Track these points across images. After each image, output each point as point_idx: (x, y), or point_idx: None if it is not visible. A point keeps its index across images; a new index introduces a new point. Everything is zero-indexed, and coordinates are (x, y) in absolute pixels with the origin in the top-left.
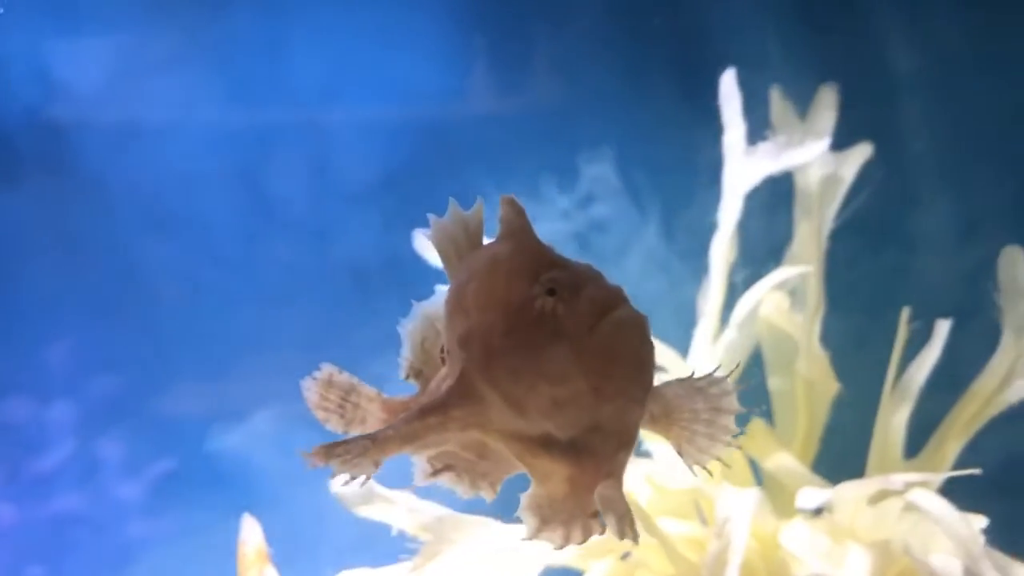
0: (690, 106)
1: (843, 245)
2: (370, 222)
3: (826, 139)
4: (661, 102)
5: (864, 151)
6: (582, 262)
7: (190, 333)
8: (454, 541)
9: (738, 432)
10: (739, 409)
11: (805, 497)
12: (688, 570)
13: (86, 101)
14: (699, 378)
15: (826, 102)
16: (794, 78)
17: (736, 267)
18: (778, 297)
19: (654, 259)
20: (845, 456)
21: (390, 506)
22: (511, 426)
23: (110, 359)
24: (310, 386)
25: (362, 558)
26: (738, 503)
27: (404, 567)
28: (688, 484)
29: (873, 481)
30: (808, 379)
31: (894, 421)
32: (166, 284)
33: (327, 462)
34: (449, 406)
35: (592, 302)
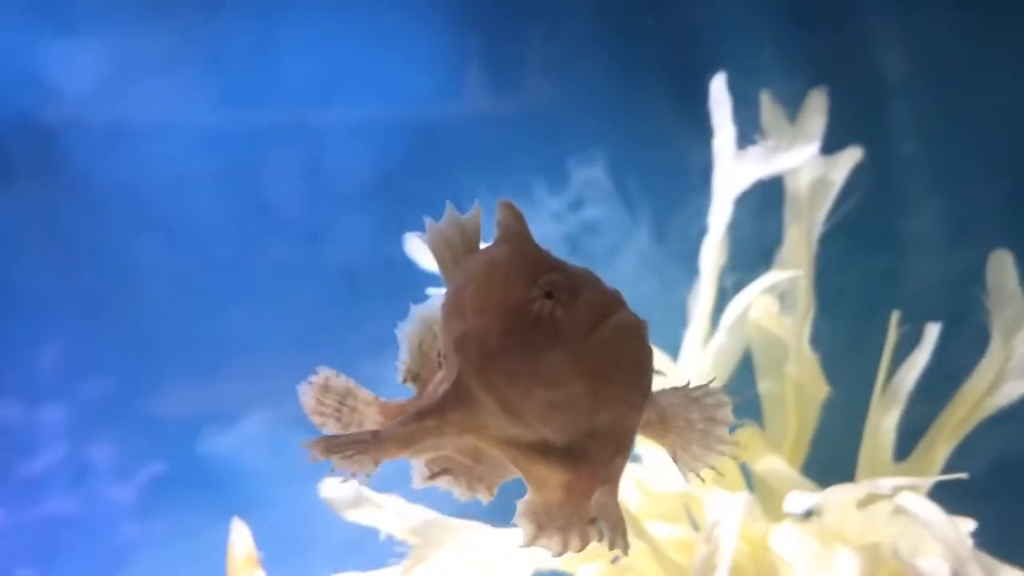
0: (682, 109)
1: (833, 248)
2: (363, 223)
3: (816, 143)
4: (653, 105)
5: (854, 155)
6: (580, 266)
7: (181, 335)
8: (443, 545)
9: (733, 443)
10: (734, 421)
11: (794, 501)
12: (677, 574)
13: (77, 102)
14: (695, 388)
15: (816, 106)
16: (785, 80)
17: (726, 270)
18: (768, 300)
19: (645, 261)
20: (835, 459)
21: (379, 510)
22: (507, 431)
23: (101, 361)
24: (306, 391)
25: (353, 561)
26: (727, 507)
27: (393, 570)
28: (677, 488)
29: (862, 485)
30: (798, 382)
31: (884, 424)
32: (157, 286)
33: (327, 456)
34: (445, 409)
35: (590, 306)
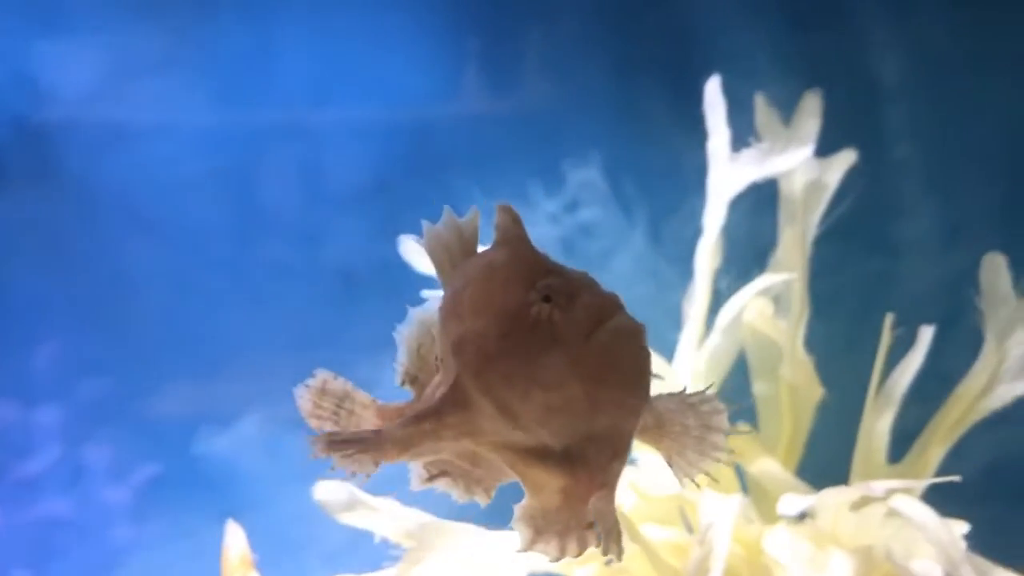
0: (678, 111)
1: (827, 251)
2: (359, 224)
3: (810, 145)
4: (649, 107)
5: (848, 157)
6: (578, 269)
7: (177, 336)
8: (437, 548)
9: (729, 450)
10: (729, 428)
11: (788, 503)
12: None
13: (73, 103)
14: (691, 394)
15: (810, 108)
16: (780, 82)
17: (721, 273)
18: (762, 303)
19: (641, 264)
20: (829, 461)
21: (373, 513)
22: (504, 434)
23: (96, 363)
24: (303, 394)
25: (348, 563)
26: (721, 509)
27: (388, 573)
28: (672, 491)
29: (856, 488)
30: (792, 385)
31: (878, 426)
32: (153, 288)
33: (329, 453)
34: (443, 413)
35: (588, 309)
